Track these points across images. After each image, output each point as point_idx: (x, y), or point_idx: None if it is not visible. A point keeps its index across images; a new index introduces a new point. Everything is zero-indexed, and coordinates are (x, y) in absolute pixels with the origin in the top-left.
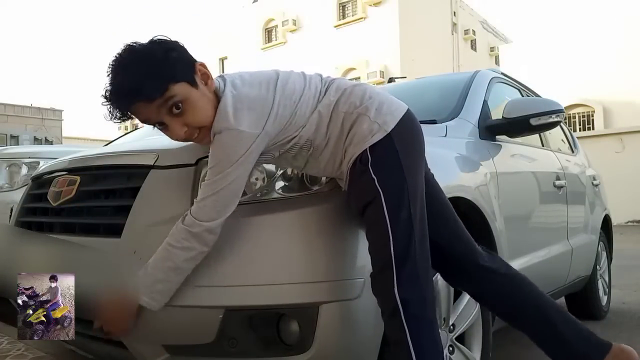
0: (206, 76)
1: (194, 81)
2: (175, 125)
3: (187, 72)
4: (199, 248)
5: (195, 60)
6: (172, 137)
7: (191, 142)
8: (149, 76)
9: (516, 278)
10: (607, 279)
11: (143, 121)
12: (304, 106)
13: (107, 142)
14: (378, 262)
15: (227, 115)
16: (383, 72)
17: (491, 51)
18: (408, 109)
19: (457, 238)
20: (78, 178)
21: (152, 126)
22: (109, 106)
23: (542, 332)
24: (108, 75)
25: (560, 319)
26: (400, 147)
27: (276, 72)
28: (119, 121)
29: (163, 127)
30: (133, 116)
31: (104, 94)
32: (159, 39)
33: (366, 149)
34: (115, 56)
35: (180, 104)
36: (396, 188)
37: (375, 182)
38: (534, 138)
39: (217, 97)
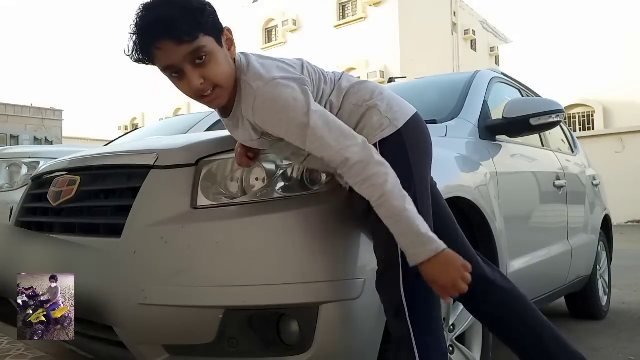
0: (230, 42)
1: (220, 41)
2: (194, 75)
3: (217, 29)
4: (383, 170)
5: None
6: (185, 89)
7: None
8: (185, 17)
9: (512, 297)
10: (607, 279)
11: (162, 65)
12: (321, 92)
13: (107, 142)
14: (384, 260)
15: (257, 72)
16: (383, 72)
17: (491, 51)
18: (416, 112)
19: (459, 246)
20: (78, 178)
21: (166, 74)
22: (134, 38)
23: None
24: (139, 12)
25: (556, 346)
26: (409, 145)
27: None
28: (136, 58)
29: (179, 75)
30: (149, 60)
31: (133, 25)
32: None
33: (376, 144)
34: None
35: (204, 56)
36: (404, 186)
37: None
38: (534, 138)
39: (236, 68)
